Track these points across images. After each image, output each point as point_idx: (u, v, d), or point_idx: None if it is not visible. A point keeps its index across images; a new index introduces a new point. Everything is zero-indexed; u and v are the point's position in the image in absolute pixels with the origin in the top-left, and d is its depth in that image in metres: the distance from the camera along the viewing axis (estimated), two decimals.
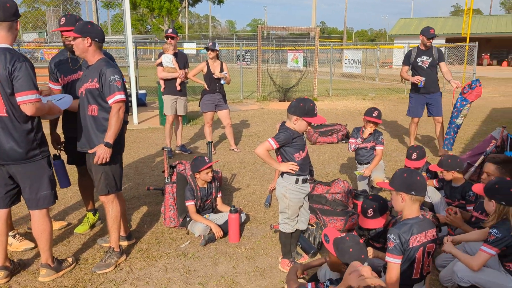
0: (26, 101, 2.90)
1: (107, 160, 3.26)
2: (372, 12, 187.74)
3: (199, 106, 7.06)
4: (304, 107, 3.10)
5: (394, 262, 2.50)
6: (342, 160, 6.74)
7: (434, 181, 4.41)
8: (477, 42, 16.93)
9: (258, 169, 6.26)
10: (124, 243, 3.83)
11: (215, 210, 4.36)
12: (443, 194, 4.18)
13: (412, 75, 6.75)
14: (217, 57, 6.89)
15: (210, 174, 4.10)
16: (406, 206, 2.55)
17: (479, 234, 2.89)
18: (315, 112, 3.14)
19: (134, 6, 43.28)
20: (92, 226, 4.20)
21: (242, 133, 8.73)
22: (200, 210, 4.19)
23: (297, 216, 3.33)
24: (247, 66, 19.36)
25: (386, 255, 2.53)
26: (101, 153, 3.22)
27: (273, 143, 3.15)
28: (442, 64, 6.72)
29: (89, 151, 3.35)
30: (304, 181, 3.25)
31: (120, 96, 3.26)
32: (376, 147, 4.95)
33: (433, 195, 4.17)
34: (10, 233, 3.67)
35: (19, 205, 3.84)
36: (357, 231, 3.54)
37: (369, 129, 4.85)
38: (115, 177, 3.46)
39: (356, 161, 5.21)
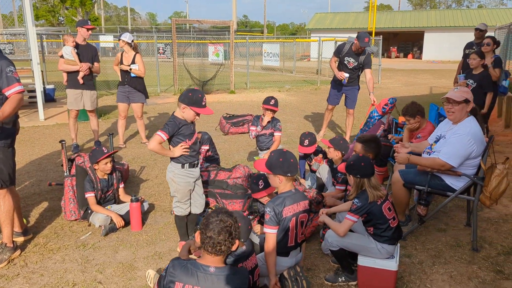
0: None
1: None
2: (293, 6, 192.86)
3: None
4: (192, 97, 3.27)
5: (270, 232, 2.78)
6: (251, 148, 7.04)
7: (324, 160, 4.82)
8: (381, 36, 18.25)
9: (168, 160, 6.34)
10: (20, 239, 3.76)
11: (118, 201, 4.41)
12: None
13: (338, 69, 7.00)
14: (134, 49, 6.81)
15: (109, 165, 4.14)
16: (282, 184, 2.85)
17: (348, 205, 3.28)
18: (203, 104, 3.31)
19: None
20: None
21: (156, 126, 8.73)
22: (102, 202, 4.21)
23: (189, 199, 3.51)
24: (167, 60, 19.13)
25: (264, 226, 2.81)
26: None
27: (162, 135, 3.29)
28: (367, 70, 6.93)
29: None
30: (192, 166, 3.43)
31: (20, 87, 3.25)
32: (275, 134, 5.28)
33: (323, 173, 4.59)
34: None
35: None
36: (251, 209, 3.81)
37: (268, 117, 5.16)
38: (6, 171, 3.39)
39: (257, 148, 5.51)
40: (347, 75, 6.87)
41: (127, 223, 4.08)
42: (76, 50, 6.40)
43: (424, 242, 3.80)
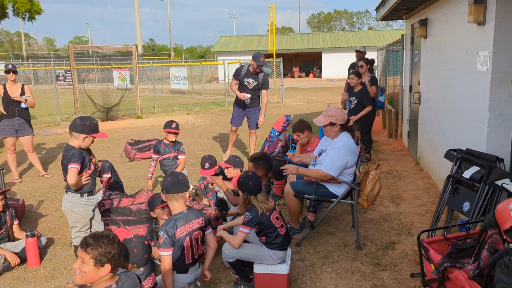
0: None
1: None
2: (200, 30, 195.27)
3: None
4: (91, 125, 3.43)
5: (165, 254, 2.93)
6: (157, 173, 7.08)
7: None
8: (281, 58, 19.36)
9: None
10: None
11: (13, 239, 4.22)
12: None
13: (239, 90, 7.32)
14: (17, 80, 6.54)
15: (0, 203, 3.97)
16: (169, 205, 3.04)
17: (241, 219, 3.55)
18: (98, 129, 3.41)
19: None
20: None
21: (55, 157, 8.36)
22: None
23: (89, 227, 3.53)
24: (68, 87, 18.30)
25: (158, 249, 2.96)
26: None
27: (75, 165, 3.33)
28: (264, 92, 7.34)
29: None
30: (90, 194, 3.48)
31: None
32: (179, 157, 5.44)
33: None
34: None
35: None
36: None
37: (172, 139, 5.32)
38: None
39: (162, 171, 5.61)
40: (249, 95, 7.23)
41: (23, 260, 3.93)
42: None
43: (316, 246, 4.20)
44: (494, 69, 3.71)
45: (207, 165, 5.01)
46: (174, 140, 5.41)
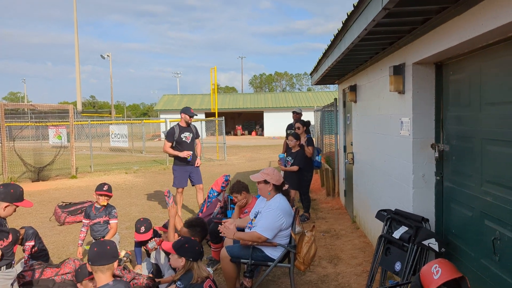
0: None
1: None
2: (143, 88, 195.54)
3: None
4: (16, 193, 3.19)
5: None
6: (88, 238, 6.67)
7: (159, 247, 4.86)
8: (223, 117, 19.71)
9: None
10: None
11: None
12: None
13: (176, 149, 7.28)
14: None
15: None
16: (97, 277, 2.84)
17: None
18: (18, 197, 3.19)
19: None
20: None
21: None
22: None
23: None
24: None
25: None
26: None
27: None
28: (197, 140, 7.61)
29: None
30: (9, 266, 3.19)
31: None
32: (110, 221, 5.19)
33: (160, 257, 4.62)
34: None
35: None
36: None
37: (103, 203, 5.08)
38: None
39: (92, 237, 5.29)
40: (190, 152, 7.26)
41: None
42: None
43: None
44: (415, 134, 4.00)
45: (142, 229, 4.81)
46: (106, 203, 5.18)
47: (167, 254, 4.49)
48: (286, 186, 4.35)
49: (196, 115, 7.50)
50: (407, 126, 4.11)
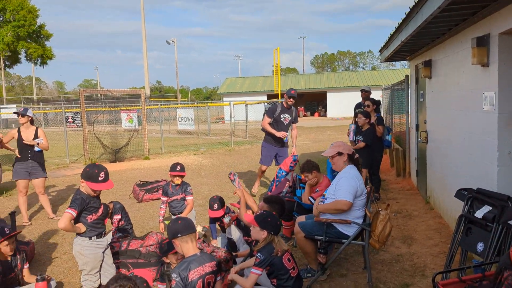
0: None
1: None
2: (206, 72, 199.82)
3: None
4: (88, 172, 3.44)
5: None
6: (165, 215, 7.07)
7: (233, 222, 5.06)
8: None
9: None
10: None
11: (23, 283, 4.18)
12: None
13: (273, 127, 7.41)
14: (32, 122, 6.67)
15: (11, 247, 3.97)
16: (183, 248, 3.03)
17: (253, 261, 3.52)
18: (99, 179, 3.44)
19: None
20: None
21: (65, 199, 8.39)
22: (5, 285, 3.97)
23: (98, 271, 3.51)
24: (78, 129, 18.65)
25: None
26: None
27: (72, 212, 3.37)
28: (294, 125, 7.69)
29: None
30: (99, 236, 3.49)
31: None
32: (187, 198, 5.47)
33: (234, 233, 4.81)
34: None
35: None
36: None
37: (177, 182, 5.36)
38: None
39: (170, 213, 5.61)
40: (286, 133, 7.39)
41: None
42: None
43: None
44: (500, 109, 3.77)
45: (215, 206, 5.02)
46: (179, 182, 5.45)
47: (243, 229, 4.68)
48: (357, 155, 4.38)
49: (295, 96, 7.39)
50: (491, 101, 3.88)
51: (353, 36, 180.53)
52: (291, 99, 7.35)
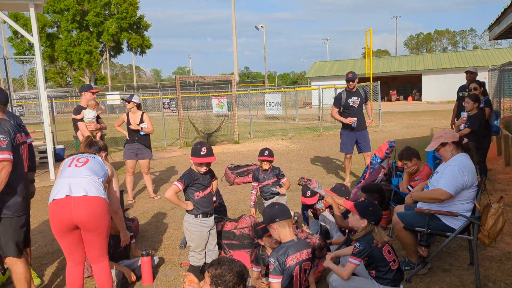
0: None
1: None
2: (292, 56, 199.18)
3: None
4: (193, 149, 3.63)
5: (275, 282, 2.91)
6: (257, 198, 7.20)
7: (327, 209, 4.97)
8: (379, 81, 18.81)
9: (176, 213, 6.52)
10: None
11: (130, 256, 4.54)
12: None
13: (343, 115, 7.40)
14: (139, 107, 7.17)
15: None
16: (280, 233, 3.02)
17: (351, 249, 3.41)
18: (202, 153, 3.60)
19: (51, 59, 42.38)
20: (2, 285, 4.19)
21: (164, 180, 8.95)
22: (114, 257, 4.35)
23: (203, 250, 3.67)
24: (172, 114, 19.76)
25: (269, 276, 2.94)
26: None
27: (179, 185, 3.57)
28: (368, 102, 7.65)
29: None
30: (205, 215, 3.64)
31: (2, 155, 3.21)
32: (281, 180, 5.49)
33: (328, 220, 4.72)
34: None
35: None
36: None
37: (266, 167, 5.41)
38: (12, 243, 3.39)
39: (262, 198, 5.68)
40: (355, 119, 7.25)
41: (138, 277, 4.19)
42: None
43: (428, 283, 3.86)
44: None
45: (308, 193, 4.96)
46: (268, 167, 5.48)
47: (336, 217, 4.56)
48: (465, 140, 3.97)
49: (353, 78, 7.35)
50: None
51: (451, 13, 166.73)
52: (350, 83, 7.30)
